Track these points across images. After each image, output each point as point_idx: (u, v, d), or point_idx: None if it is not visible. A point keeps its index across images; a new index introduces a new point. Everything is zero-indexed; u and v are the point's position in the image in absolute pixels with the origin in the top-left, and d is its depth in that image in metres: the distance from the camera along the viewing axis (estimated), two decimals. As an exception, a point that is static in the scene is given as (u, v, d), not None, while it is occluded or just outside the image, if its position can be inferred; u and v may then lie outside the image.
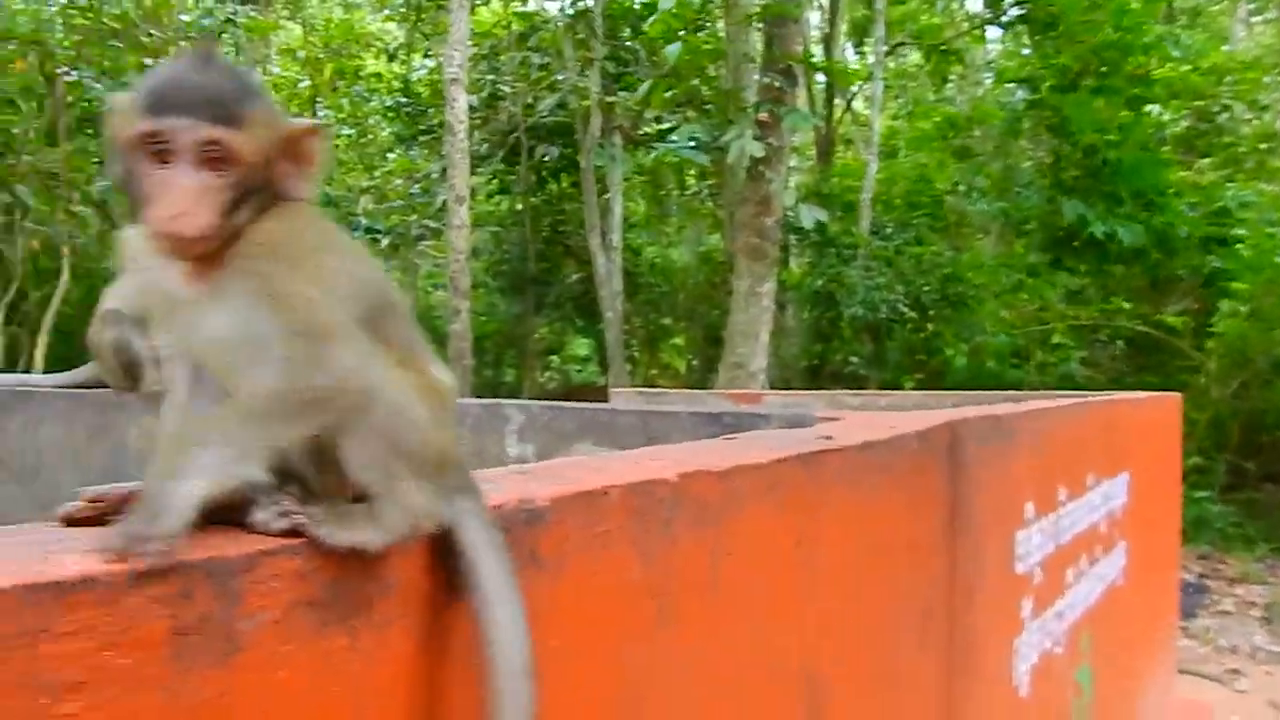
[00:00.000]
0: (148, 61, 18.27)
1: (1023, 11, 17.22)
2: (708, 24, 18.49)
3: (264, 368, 1.24)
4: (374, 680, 1.21)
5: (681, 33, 15.37)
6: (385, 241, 20.30)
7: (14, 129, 17.78)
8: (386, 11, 23.32)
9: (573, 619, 1.52)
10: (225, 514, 1.18)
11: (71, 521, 1.21)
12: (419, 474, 1.29)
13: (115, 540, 1.02)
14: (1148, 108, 16.60)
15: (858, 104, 23.09)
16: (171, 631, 1.01)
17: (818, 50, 21.26)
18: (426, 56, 21.43)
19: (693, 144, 15.43)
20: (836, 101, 21.11)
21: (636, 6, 18.69)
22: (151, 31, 18.26)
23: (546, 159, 19.49)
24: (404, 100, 20.02)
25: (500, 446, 3.83)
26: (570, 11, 18.22)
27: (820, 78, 19.09)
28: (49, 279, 17.65)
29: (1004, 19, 18.89)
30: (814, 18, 22.86)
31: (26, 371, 16.63)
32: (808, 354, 17.87)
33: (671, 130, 17.75)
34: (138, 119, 1.26)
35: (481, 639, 1.30)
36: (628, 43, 18.25)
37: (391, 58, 22.13)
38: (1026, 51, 18.90)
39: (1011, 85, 18.47)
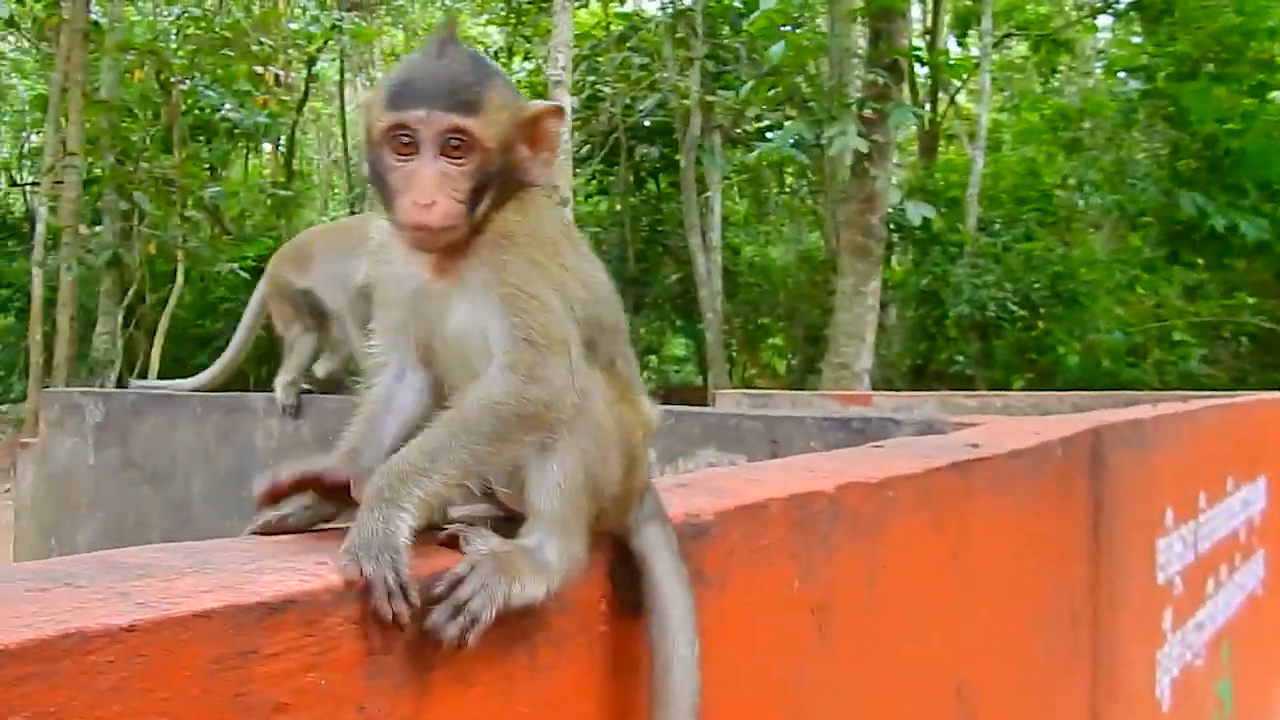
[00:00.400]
0: (258, 69, 18.81)
1: (1135, -1, 16.71)
2: (809, 20, 18.28)
3: (486, 376, 1.23)
4: (554, 694, 1.20)
5: (784, 29, 15.24)
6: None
7: (132, 137, 18.42)
8: (487, 15, 23.60)
9: (736, 633, 1.50)
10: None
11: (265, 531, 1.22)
12: (594, 514, 1.26)
13: (354, 572, 1.02)
14: (1272, 94, 15.93)
15: (961, 98, 22.64)
16: (366, 652, 1.00)
17: (920, 45, 20.91)
18: (526, 59, 21.62)
19: (794, 142, 15.29)
20: (940, 95, 20.73)
21: (737, 4, 18.59)
22: (261, 40, 18.79)
23: (646, 159, 19.51)
24: (505, 103, 20.15)
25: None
26: (670, 11, 18.22)
27: (922, 71, 18.77)
28: (164, 282, 18.23)
29: (1116, 6, 18.33)
30: (914, 10, 22.49)
31: (144, 373, 17.23)
32: (911, 353, 17.56)
33: (772, 129, 17.62)
34: (382, 113, 1.27)
35: (655, 667, 1.28)
36: (727, 41, 18.18)
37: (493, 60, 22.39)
38: (1138, 40, 18.30)
39: (1123, 75, 17.90)
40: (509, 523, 1.24)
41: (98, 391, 5.73)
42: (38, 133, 22.09)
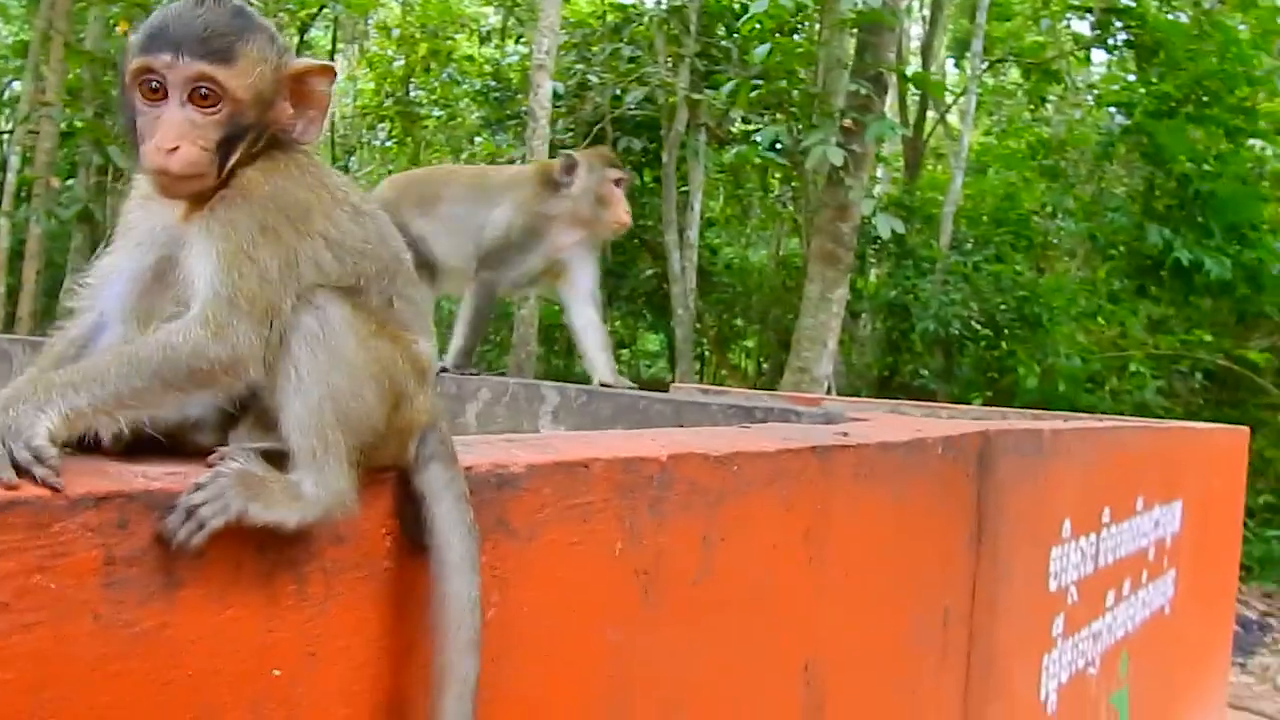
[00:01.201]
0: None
1: (1130, 37, 16.84)
2: (802, 26, 18.33)
3: (175, 321, 1.23)
4: (324, 626, 1.21)
5: (776, 34, 15.27)
6: (465, 224, 20.50)
7: (113, 91, 18.28)
8: (484, -3, 23.54)
9: (549, 589, 1.51)
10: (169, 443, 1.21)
11: None
12: (353, 451, 1.26)
13: None
14: (1250, 141, 16.09)
15: (952, 117, 22.74)
16: (104, 560, 1.01)
17: (916, 61, 21.02)
18: (519, 42, 21.60)
19: (776, 146, 15.35)
20: (930, 114, 20.83)
21: (735, 7, 18.62)
22: (253, 2, 18.66)
23: (630, 152, 19.50)
24: (494, 84, 20.19)
25: (534, 426, 3.84)
26: (666, 7, 18.21)
27: (917, 89, 18.86)
28: (138, 240, 18.10)
29: (1110, 42, 18.48)
30: (915, 29, 22.62)
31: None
32: (879, 365, 17.68)
33: (758, 131, 17.67)
34: (134, 57, 1.28)
35: (434, 610, 1.30)
36: (721, 41, 18.19)
37: (484, 41, 22.34)
38: (1133, 77, 18.44)
39: (1112, 110, 18.06)
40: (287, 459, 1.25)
41: (24, 339, 5.67)
42: (16, 80, 21.88)
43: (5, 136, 22.88)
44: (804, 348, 12.99)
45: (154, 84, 1.27)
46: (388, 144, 24.19)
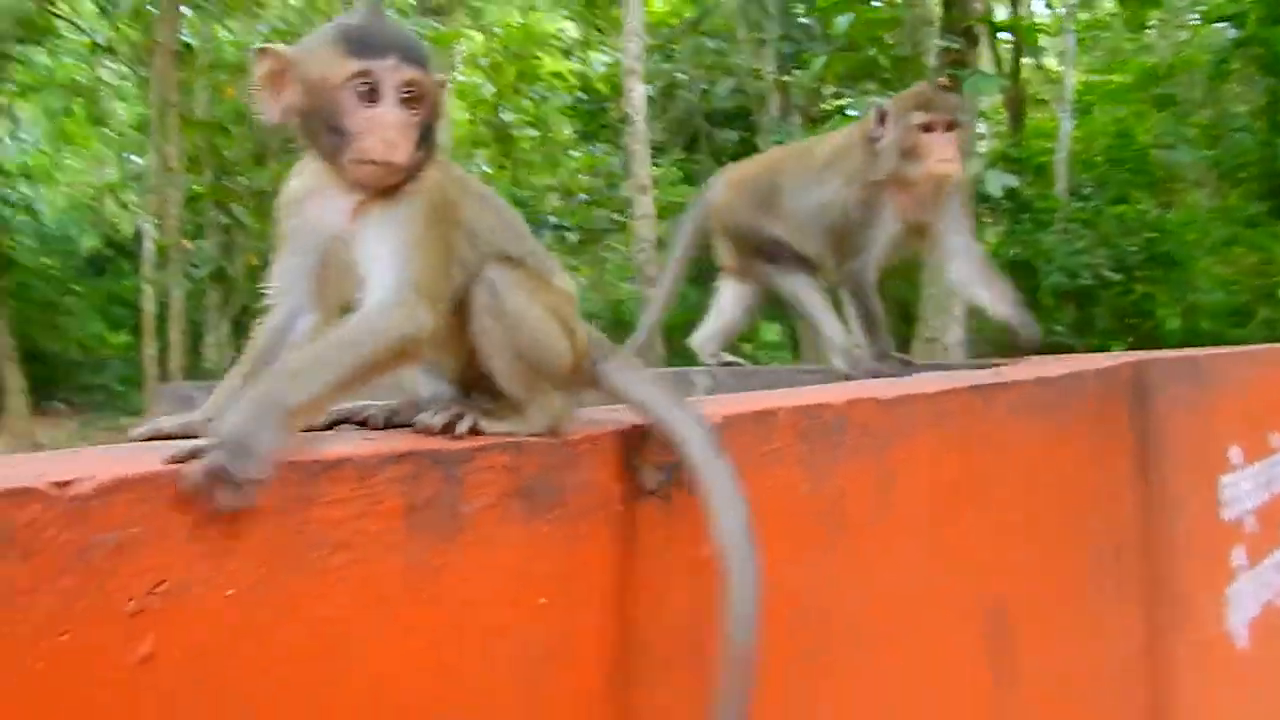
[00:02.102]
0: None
1: (1231, -60, 16.22)
2: (886, -8, 18.12)
3: (370, 307, 1.38)
4: (572, 562, 1.40)
5: (856, 1, 15.15)
6: (573, 238, 20.91)
7: (227, 152, 19.18)
8: (563, 11, 23.87)
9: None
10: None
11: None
12: (555, 383, 1.50)
13: (202, 477, 1.08)
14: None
15: (1049, 60, 22.16)
16: (408, 508, 1.22)
17: (1003, 9, 20.57)
18: (602, 50, 21.86)
19: (871, 116, 15.20)
20: (1026, 59, 20.37)
21: (812, -18, 18.52)
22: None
23: (726, 144, 19.56)
24: (583, 96, 20.48)
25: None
26: (742, -7, 18.24)
27: (1007, 35, 18.48)
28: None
29: (1209, -49, 17.79)
30: (1002, -28, 22.07)
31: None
32: (1007, 326, 17.34)
33: (849, 105, 17.53)
34: (341, 62, 1.40)
35: (696, 486, 1.48)
36: (802, 19, 18.13)
37: (568, 55, 22.68)
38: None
39: (1219, 25, 17.35)
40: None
41: (208, 386, 6.07)
42: (139, 156, 23.10)
43: (134, 208, 24.24)
44: (930, 317, 12.86)
45: (367, 86, 1.40)
46: (485, 169, 24.78)
